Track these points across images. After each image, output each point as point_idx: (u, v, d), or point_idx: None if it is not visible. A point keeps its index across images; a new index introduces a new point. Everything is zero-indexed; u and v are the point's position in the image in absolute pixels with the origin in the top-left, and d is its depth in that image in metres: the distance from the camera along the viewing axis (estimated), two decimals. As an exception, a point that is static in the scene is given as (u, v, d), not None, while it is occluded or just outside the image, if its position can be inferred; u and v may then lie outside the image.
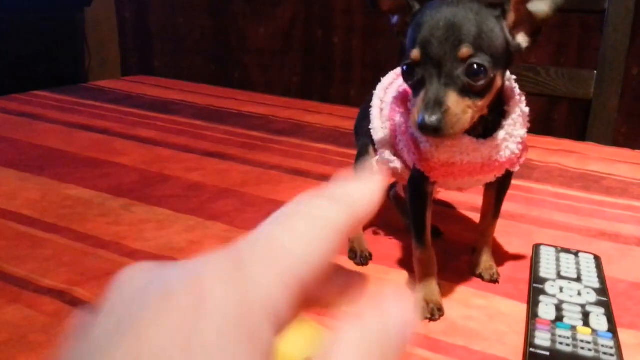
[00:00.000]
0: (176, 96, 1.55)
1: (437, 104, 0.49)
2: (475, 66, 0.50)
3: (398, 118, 0.62)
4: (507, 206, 0.79)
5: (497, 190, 0.66)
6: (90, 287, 0.63)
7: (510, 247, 0.74)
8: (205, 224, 0.79)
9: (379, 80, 0.69)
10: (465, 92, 0.50)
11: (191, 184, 0.94)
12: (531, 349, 0.50)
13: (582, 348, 0.50)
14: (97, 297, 0.64)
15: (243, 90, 1.77)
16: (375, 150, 0.68)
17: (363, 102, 0.73)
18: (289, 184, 0.95)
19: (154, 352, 0.18)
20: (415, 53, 0.51)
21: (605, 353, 0.50)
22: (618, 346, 0.51)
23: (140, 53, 2.70)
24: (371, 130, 0.66)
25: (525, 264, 0.69)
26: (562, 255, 0.68)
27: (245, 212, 0.83)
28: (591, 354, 0.50)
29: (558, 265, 0.66)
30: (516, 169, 0.62)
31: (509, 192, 0.67)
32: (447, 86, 0.50)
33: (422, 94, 0.50)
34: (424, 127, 0.49)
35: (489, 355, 0.53)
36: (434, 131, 0.49)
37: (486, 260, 0.67)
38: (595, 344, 0.51)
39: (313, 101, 1.59)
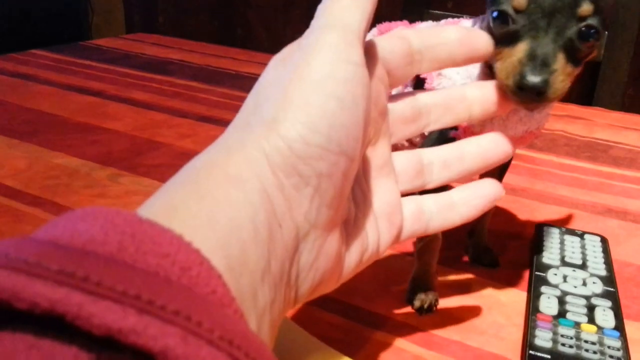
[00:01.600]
0: (175, 55, 1.48)
1: (544, 63, 0.38)
2: (591, 29, 0.39)
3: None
4: (508, 178, 0.73)
5: (501, 167, 0.59)
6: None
7: (511, 225, 0.69)
8: (193, 198, 0.73)
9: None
10: (570, 56, 0.39)
11: (182, 152, 0.88)
12: (530, 351, 0.45)
13: (587, 350, 0.45)
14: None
15: (246, 47, 1.70)
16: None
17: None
18: (284, 152, 0.89)
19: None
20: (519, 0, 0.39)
21: (611, 356, 0.45)
22: (625, 347, 0.46)
23: (144, 10, 2.62)
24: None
25: (528, 246, 0.64)
26: (567, 238, 0.63)
27: (236, 184, 0.78)
28: (596, 357, 0.45)
29: (562, 250, 0.60)
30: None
31: (512, 162, 0.61)
32: (555, 44, 0.39)
33: (520, 47, 0.39)
34: (524, 87, 0.38)
35: (486, 353, 0.48)
36: (538, 93, 0.38)
37: (483, 244, 0.62)
38: (601, 344, 0.46)
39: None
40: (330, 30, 0.28)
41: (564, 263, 0.58)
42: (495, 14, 0.40)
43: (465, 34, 0.36)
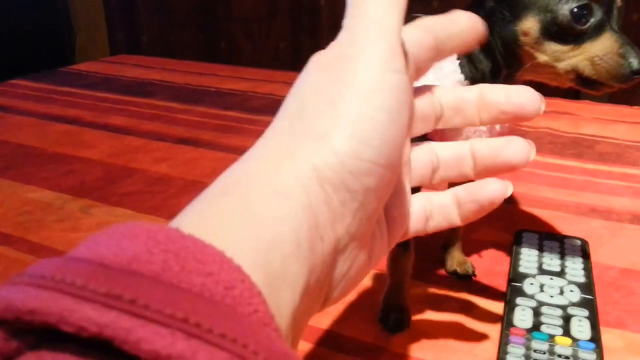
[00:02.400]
0: (156, 76, 1.48)
1: (635, 47, 0.42)
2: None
3: None
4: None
5: None
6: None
7: (490, 232, 0.68)
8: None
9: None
10: None
11: (157, 178, 0.87)
12: (501, 370, 0.44)
13: (560, 365, 0.44)
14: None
15: (231, 60, 1.70)
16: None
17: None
18: (262, 170, 0.89)
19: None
20: None
21: (585, 370, 0.44)
22: (601, 359, 0.45)
23: (128, 28, 2.62)
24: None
25: (506, 254, 0.63)
26: (546, 243, 0.62)
27: (211, 208, 0.77)
28: (569, 371, 0.44)
29: (540, 256, 0.59)
30: None
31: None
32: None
33: (610, 38, 0.42)
34: (637, 72, 0.41)
35: (459, 373, 0.48)
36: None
37: (459, 254, 0.61)
38: (575, 357, 0.45)
39: (299, 70, 1.51)
40: (374, 39, 0.28)
41: (542, 271, 0.57)
42: (577, 9, 0.41)
43: (474, 18, 0.35)
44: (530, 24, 0.43)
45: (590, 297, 0.53)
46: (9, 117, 1.20)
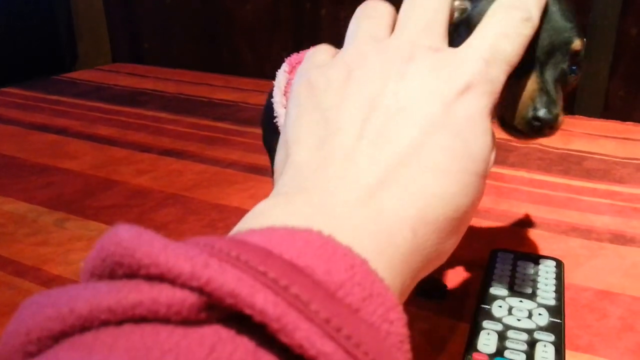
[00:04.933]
0: (149, 85, 1.48)
1: (553, 99, 0.39)
2: (579, 62, 0.41)
3: None
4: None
5: None
6: (-6, 327, 0.57)
7: (466, 251, 0.67)
8: (139, 240, 0.72)
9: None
10: (562, 89, 0.41)
11: (137, 190, 0.87)
12: (458, 398, 0.43)
13: (518, 393, 0.43)
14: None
15: (233, 69, 1.70)
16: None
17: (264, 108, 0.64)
18: (242, 184, 0.88)
19: None
20: None
21: (544, 399, 0.43)
22: (562, 387, 0.44)
23: (130, 37, 2.62)
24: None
25: (481, 273, 0.61)
26: (520, 264, 0.61)
27: (185, 222, 0.76)
28: (528, 400, 0.42)
29: (513, 277, 0.58)
30: None
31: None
32: (555, 80, 0.40)
33: (528, 84, 0.40)
34: (539, 120, 0.39)
35: (419, 399, 0.47)
36: (550, 128, 0.39)
37: (431, 275, 0.60)
38: (536, 385, 0.44)
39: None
40: None
41: (513, 292, 0.56)
42: None
43: None
44: None
45: (559, 320, 0.51)
46: (-4, 126, 1.20)
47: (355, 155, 0.28)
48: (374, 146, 0.28)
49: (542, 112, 0.38)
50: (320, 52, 0.35)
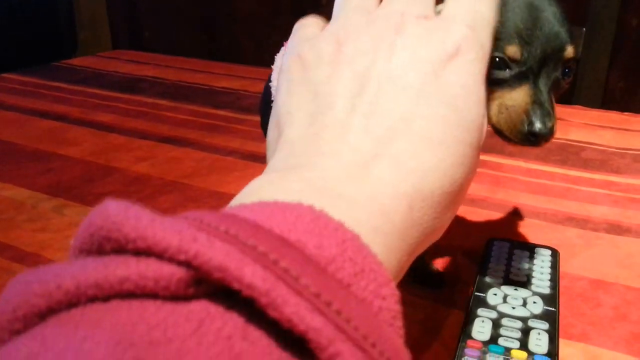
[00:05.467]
0: (149, 72, 1.48)
1: (547, 111, 0.39)
2: (572, 66, 0.41)
3: None
4: (469, 187, 0.72)
5: None
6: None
7: (464, 239, 0.67)
8: (137, 226, 0.72)
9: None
10: (555, 93, 0.41)
11: (136, 177, 0.87)
12: (452, 384, 0.43)
13: (511, 380, 0.44)
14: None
15: (233, 56, 1.69)
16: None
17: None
18: (242, 172, 0.88)
19: None
20: (515, 50, 0.39)
21: (536, 386, 0.43)
22: (555, 374, 0.44)
23: (130, 25, 2.62)
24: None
25: (477, 263, 0.62)
26: (516, 252, 0.61)
27: (184, 209, 0.76)
28: (521, 387, 0.43)
29: (508, 266, 0.58)
30: None
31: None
32: (548, 88, 0.40)
33: (522, 94, 0.40)
34: (536, 134, 0.39)
35: (413, 385, 0.47)
36: (545, 140, 0.39)
37: (428, 263, 0.60)
38: (529, 372, 0.44)
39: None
40: None
41: (508, 281, 0.56)
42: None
43: None
44: None
45: (553, 309, 0.52)
46: (-4, 112, 1.20)
47: (347, 130, 0.27)
48: (366, 119, 0.27)
49: (537, 127, 0.38)
50: (309, 25, 0.35)
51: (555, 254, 0.61)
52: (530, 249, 0.62)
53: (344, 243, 0.21)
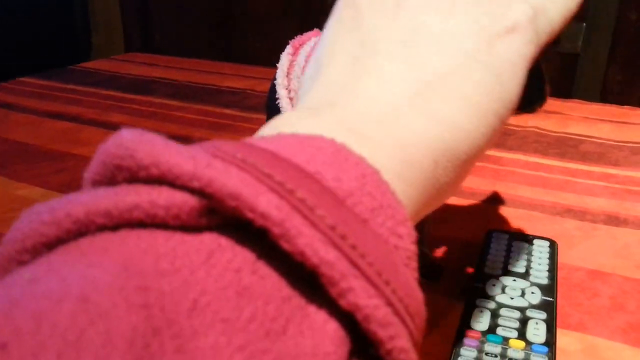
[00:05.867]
0: (159, 73, 1.48)
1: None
2: None
3: None
4: (469, 181, 0.71)
5: None
6: None
7: (463, 231, 0.66)
8: (147, 223, 0.72)
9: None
10: None
11: (146, 175, 0.87)
12: (450, 373, 0.43)
13: (509, 369, 0.43)
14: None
15: (244, 58, 1.69)
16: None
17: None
18: (248, 168, 0.88)
19: None
20: None
21: (534, 374, 0.42)
22: (552, 363, 0.44)
23: (142, 28, 2.62)
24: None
25: (477, 253, 0.61)
26: (514, 244, 0.60)
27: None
28: (518, 375, 0.42)
29: (507, 257, 0.58)
30: None
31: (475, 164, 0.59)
32: None
33: None
34: None
35: (413, 375, 0.46)
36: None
37: (426, 254, 0.59)
38: (526, 361, 0.44)
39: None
40: None
41: (506, 272, 0.55)
42: None
43: None
44: None
45: (550, 299, 0.51)
46: (11, 114, 1.20)
47: (386, 75, 0.26)
48: (409, 69, 0.26)
49: None
50: None
51: (553, 245, 0.60)
52: (528, 241, 0.61)
53: (364, 177, 0.20)
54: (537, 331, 0.47)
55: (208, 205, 0.17)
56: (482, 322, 0.48)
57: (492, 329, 0.47)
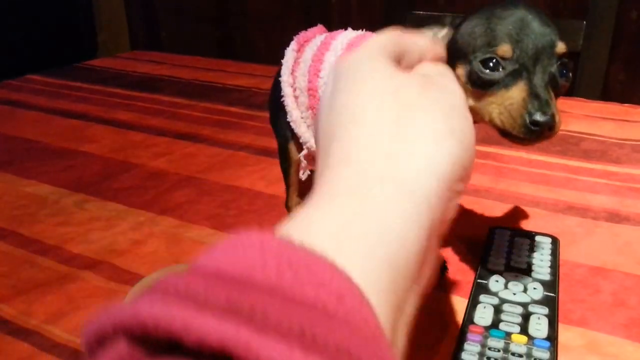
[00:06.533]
0: (165, 72, 1.48)
1: (546, 101, 0.39)
2: (566, 66, 0.41)
3: None
4: (472, 179, 0.72)
5: None
6: (18, 302, 0.58)
7: (466, 228, 0.67)
8: (154, 220, 0.73)
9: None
10: (554, 92, 0.41)
11: (153, 172, 0.87)
12: (454, 367, 0.43)
13: (512, 363, 0.43)
14: (22, 315, 0.55)
15: (247, 55, 1.69)
16: (298, 144, 0.60)
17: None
18: (254, 166, 0.88)
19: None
20: (506, 48, 0.40)
21: (536, 369, 0.43)
22: (554, 357, 0.44)
23: (147, 25, 2.62)
24: (291, 124, 0.58)
25: (479, 252, 0.61)
26: (517, 240, 0.61)
27: (199, 202, 0.76)
28: (521, 370, 0.43)
29: (509, 254, 0.58)
30: None
31: (477, 161, 0.59)
32: (544, 82, 0.40)
33: (519, 89, 0.40)
34: (538, 123, 0.39)
35: (417, 369, 0.47)
36: (549, 129, 0.40)
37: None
38: (529, 356, 0.44)
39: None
40: None
41: (509, 268, 0.56)
42: (482, 61, 0.41)
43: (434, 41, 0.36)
44: (460, 71, 0.42)
45: (552, 295, 0.51)
46: (19, 111, 1.20)
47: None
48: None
49: (537, 116, 0.38)
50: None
51: (555, 242, 0.61)
52: (531, 237, 0.61)
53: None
54: (539, 326, 0.47)
55: None
56: (485, 318, 0.49)
57: (495, 324, 0.48)
